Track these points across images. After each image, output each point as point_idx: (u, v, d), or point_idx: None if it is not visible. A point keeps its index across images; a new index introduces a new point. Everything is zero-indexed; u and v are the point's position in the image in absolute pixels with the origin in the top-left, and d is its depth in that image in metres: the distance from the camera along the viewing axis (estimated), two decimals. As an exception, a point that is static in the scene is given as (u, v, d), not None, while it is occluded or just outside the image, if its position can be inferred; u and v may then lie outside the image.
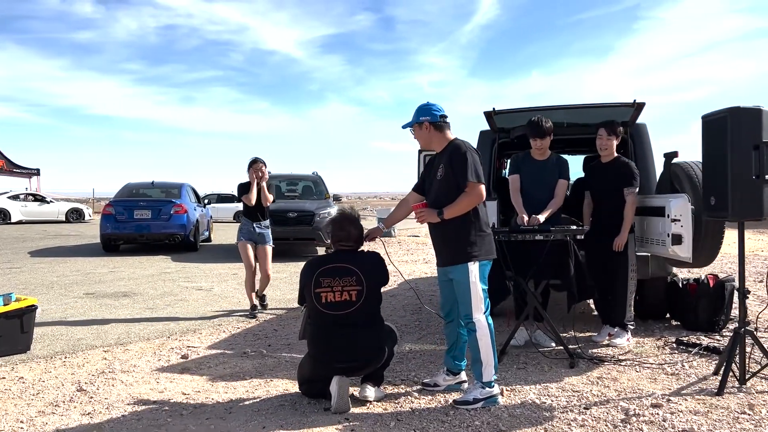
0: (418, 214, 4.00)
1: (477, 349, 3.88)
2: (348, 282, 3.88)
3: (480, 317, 3.89)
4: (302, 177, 15.03)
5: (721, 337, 5.38)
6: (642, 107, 5.33)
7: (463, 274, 3.89)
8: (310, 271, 3.96)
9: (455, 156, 3.89)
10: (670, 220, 4.60)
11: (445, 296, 4.19)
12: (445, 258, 4.01)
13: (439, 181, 3.98)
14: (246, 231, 6.94)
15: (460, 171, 3.83)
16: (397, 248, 15.31)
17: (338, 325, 3.86)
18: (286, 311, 7.29)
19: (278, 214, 12.55)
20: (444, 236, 3.96)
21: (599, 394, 4.01)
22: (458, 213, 3.86)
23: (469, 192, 3.83)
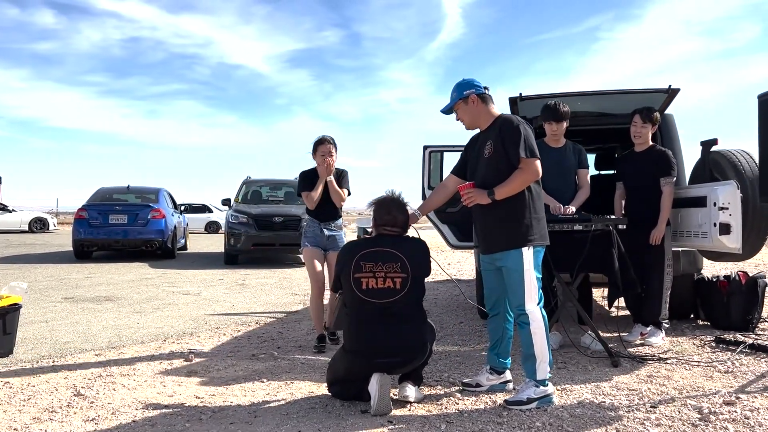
0: (465, 195, 3.61)
1: (530, 344, 3.52)
2: (392, 268, 3.48)
3: (534, 308, 3.53)
4: (285, 182, 14.56)
5: (755, 335, 5.12)
6: (676, 93, 5.08)
7: (516, 260, 3.53)
8: (350, 254, 3.56)
9: (506, 130, 3.54)
10: (718, 208, 4.33)
11: (490, 287, 3.83)
12: (494, 243, 3.64)
13: (488, 158, 3.62)
14: (312, 234, 5.12)
15: (512, 146, 3.48)
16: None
17: (381, 315, 3.45)
18: (285, 314, 6.84)
19: (263, 219, 12.10)
20: (495, 219, 3.59)
21: (659, 392, 3.68)
22: (511, 192, 3.51)
23: (523, 169, 3.48)
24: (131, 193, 14.66)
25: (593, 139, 6.22)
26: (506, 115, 3.65)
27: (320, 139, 5.05)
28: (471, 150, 3.84)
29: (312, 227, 5.14)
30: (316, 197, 5.00)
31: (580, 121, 5.41)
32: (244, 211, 12.40)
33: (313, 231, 5.12)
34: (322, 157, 4.98)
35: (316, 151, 5.05)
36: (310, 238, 5.11)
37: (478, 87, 3.70)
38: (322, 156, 4.98)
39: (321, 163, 4.98)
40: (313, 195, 5.00)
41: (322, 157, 4.98)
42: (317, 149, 5.03)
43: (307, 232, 5.14)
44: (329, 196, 5.05)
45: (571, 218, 4.48)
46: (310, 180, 5.07)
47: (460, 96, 3.72)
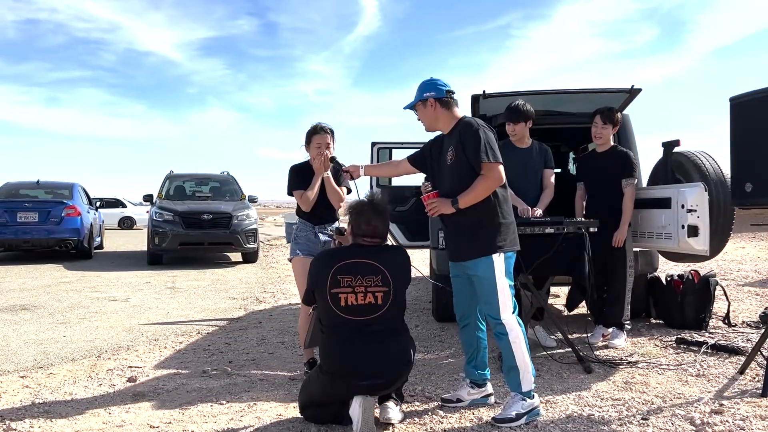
0: (429, 206, 3.44)
1: (511, 355, 3.34)
2: (372, 282, 3.21)
3: (509, 317, 3.36)
4: (212, 176, 13.92)
5: (709, 334, 5.19)
6: (637, 94, 5.06)
7: (486, 268, 3.35)
8: (325, 267, 3.24)
9: (466, 134, 3.36)
10: (686, 210, 4.31)
11: (460, 296, 3.64)
12: (463, 251, 3.44)
13: (450, 166, 3.44)
14: (305, 240, 4.32)
15: (473, 152, 3.30)
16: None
17: (362, 332, 3.16)
18: (227, 322, 6.41)
19: (191, 217, 11.48)
20: (462, 226, 3.41)
21: (643, 401, 3.59)
22: (475, 200, 3.33)
23: (486, 175, 3.31)
24: (41, 189, 13.59)
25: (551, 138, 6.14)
26: (466, 119, 3.47)
27: (315, 128, 4.27)
28: (432, 152, 3.63)
29: (305, 232, 4.36)
30: (312, 197, 4.26)
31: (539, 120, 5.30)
32: (169, 208, 11.71)
33: (306, 236, 4.34)
34: (317, 149, 4.20)
35: (310, 141, 4.28)
36: (303, 245, 4.32)
37: (440, 90, 3.50)
38: (318, 148, 4.21)
39: (317, 156, 4.21)
40: (309, 195, 4.24)
41: (318, 149, 4.20)
42: (312, 140, 4.26)
43: (299, 238, 4.37)
44: (325, 196, 4.29)
45: (542, 221, 4.35)
46: (303, 176, 4.33)
47: (419, 98, 3.54)
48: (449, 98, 3.52)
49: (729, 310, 5.54)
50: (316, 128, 4.29)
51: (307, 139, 4.31)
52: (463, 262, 3.46)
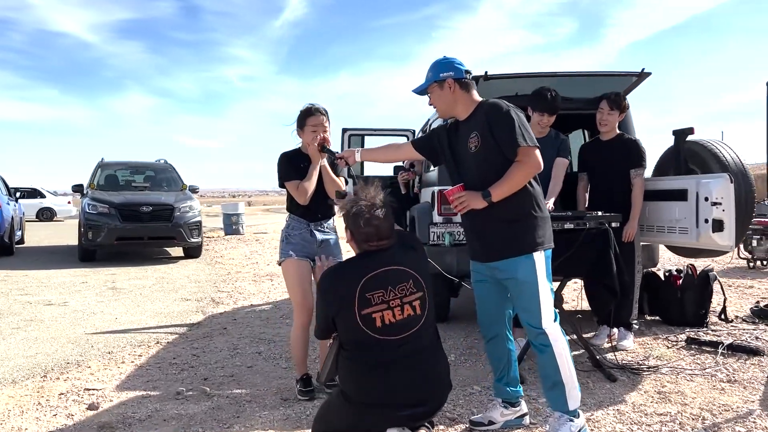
0: (456, 201, 2.95)
1: (556, 369, 2.92)
2: (406, 289, 2.68)
3: (552, 327, 2.94)
4: (148, 165, 12.94)
5: (713, 331, 4.97)
6: (646, 77, 4.74)
7: (526, 269, 2.92)
8: (348, 288, 2.65)
9: (496, 117, 2.92)
10: (710, 203, 4.01)
11: (486, 305, 3.18)
12: (495, 251, 2.99)
13: (474, 154, 2.98)
14: (299, 239, 3.75)
15: (506, 135, 2.87)
16: (258, 247, 13.79)
17: (399, 353, 2.64)
18: (188, 329, 5.73)
19: (128, 209, 10.58)
20: (496, 221, 2.95)
21: (693, 416, 3.25)
22: (511, 191, 2.90)
23: (523, 161, 2.88)
24: (-48, 179, 12.25)
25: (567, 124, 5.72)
26: (491, 101, 3.03)
27: (309, 109, 3.70)
28: (447, 140, 3.16)
29: (299, 230, 3.77)
30: (311, 189, 3.68)
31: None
32: (103, 200, 10.71)
33: (301, 235, 3.76)
34: (313, 133, 3.64)
35: (304, 125, 3.69)
36: (296, 245, 3.73)
37: (458, 69, 3.04)
38: (314, 132, 3.64)
39: (313, 141, 3.65)
40: (306, 186, 3.66)
41: (314, 133, 3.64)
42: (306, 123, 3.68)
43: (291, 236, 3.77)
44: (322, 187, 3.73)
45: (562, 216, 3.94)
46: (297, 165, 3.74)
47: (436, 78, 3.06)
48: (468, 79, 3.07)
49: (725, 305, 5.35)
50: (310, 109, 3.71)
51: (300, 122, 3.73)
52: (495, 263, 3.01)
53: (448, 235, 5.02)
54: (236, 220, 17.65)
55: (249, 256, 11.70)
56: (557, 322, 2.98)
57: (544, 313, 2.93)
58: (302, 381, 3.77)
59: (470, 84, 3.07)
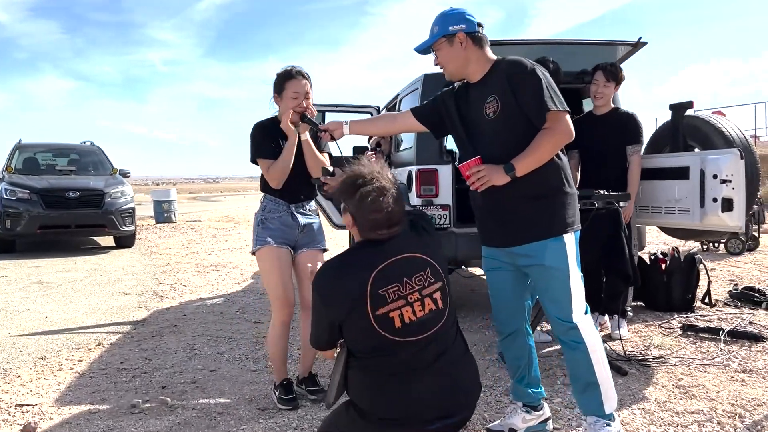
0: (475, 176, 2.50)
1: (589, 369, 2.54)
2: (424, 280, 2.20)
3: (585, 320, 2.56)
4: (72, 147, 11.88)
5: (701, 316, 4.77)
6: (641, 47, 4.42)
7: (556, 254, 2.52)
8: (357, 286, 2.13)
9: (519, 76, 2.49)
10: (719, 181, 3.75)
11: (502, 297, 2.77)
12: (519, 233, 2.57)
13: (492, 121, 2.54)
14: (278, 224, 3.22)
15: (533, 97, 2.45)
16: (195, 236, 12.99)
17: (422, 357, 2.17)
18: (132, 327, 5.07)
19: (53, 195, 9.64)
20: (519, 198, 2.53)
21: (727, 413, 2.95)
22: (539, 162, 2.48)
23: (552, 127, 2.46)
24: None
25: None
26: (512, 58, 2.58)
27: (290, 72, 3.15)
28: (455, 107, 2.72)
29: (277, 213, 3.23)
30: (286, 171, 3.14)
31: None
32: (23, 184, 9.70)
33: (280, 218, 3.22)
34: (294, 99, 3.12)
35: (283, 90, 3.15)
36: (275, 231, 3.19)
37: (470, 22, 2.60)
38: (295, 98, 3.12)
39: (292, 109, 3.12)
40: (281, 168, 3.13)
41: (295, 99, 3.12)
42: (285, 87, 3.14)
43: (269, 221, 3.22)
44: (302, 165, 3.20)
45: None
46: (273, 137, 3.21)
47: (444, 32, 2.59)
48: (481, 33, 2.62)
49: (710, 289, 5.16)
50: (290, 72, 3.16)
51: (278, 87, 3.18)
52: (518, 247, 2.59)
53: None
54: (168, 207, 16.67)
55: (187, 246, 10.93)
56: (588, 315, 2.61)
57: (576, 304, 2.54)
58: (282, 387, 3.26)
59: (484, 39, 2.62)
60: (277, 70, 3.18)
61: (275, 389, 3.28)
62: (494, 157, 2.51)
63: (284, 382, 3.27)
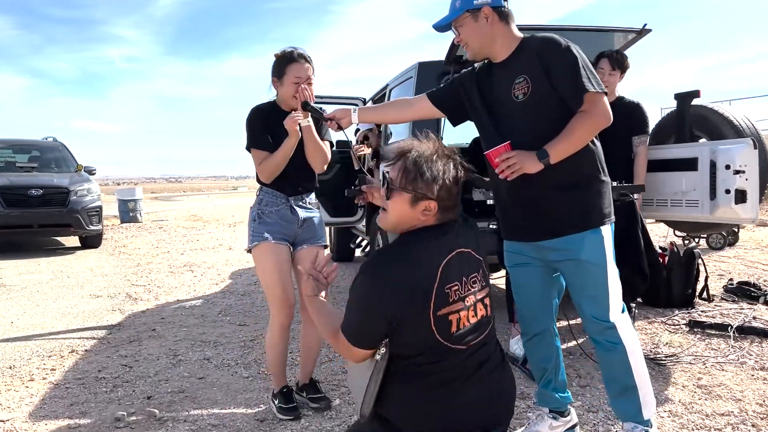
0: (504, 163, 2.25)
1: (627, 371, 2.35)
2: (477, 282, 1.97)
3: (622, 318, 2.38)
4: (33, 143, 11.34)
5: (702, 311, 4.66)
6: (646, 34, 4.26)
7: (593, 247, 2.34)
8: (427, 274, 1.83)
9: (554, 55, 2.27)
10: (732, 172, 3.62)
11: (528, 294, 2.57)
12: (553, 226, 2.37)
13: (522, 103, 2.32)
14: (276, 218, 2.96)
15: (569, 77, 2.24)
16: (164, 235, 12.55)
17: (468, 366, 1.94)
18: (107, 331, 4.73)
19: (14, 193, 9.16)
20: (552, 188, 2.33)
21: (760, 414, 2.81)
22: (575, 148, 2.27)
23: (589, 110, 2.25)
24: None
25: None
26: (543, 35, 2.37)
27: (291, 53, 2.87)
28: (477, 89, 2.51)
29: (275, 206, 2.97)
30: (279, 167, 2.89)
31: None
32: (-19, 183, 9.19)
33: (278, 212, 2.97)
34: (295, 84, 2.83)
35: (284, 74, 2.87)
36: (273, 225, 2.94)
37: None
38: (296, 83, 2.84)
39: (294, 95, 2.84)
40: (276, 162, 2.87)
41: (297, 84, 2.83)
42: (287, 71, 2.86)
43: (266, 214, 2.96)
44: (303, 154, 2.93)
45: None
46: (271, 125, 2.91)
47: (468, 6, 2.36)
48: (507, 8, 2.41)
49: (707, 283, 5.06)
50: (291, 54, 2.88)
51: (279, 71, 2.89)
52: (551, 241, 2.38)
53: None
54: (134, 206, 16.13)
55: (157, 246, 10.51)
56: (626, 313, 2.42)
57: (613, 301, 2.36)
58: (282, 395, 3.00)
59: (510, 14, 2.40)
60: (276, 52, 2.90)
61: (274, 398, 3.03)
62: (524, 143, 2.29)
63: (284, 389, 3.02)
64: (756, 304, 4.85)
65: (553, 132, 2.27)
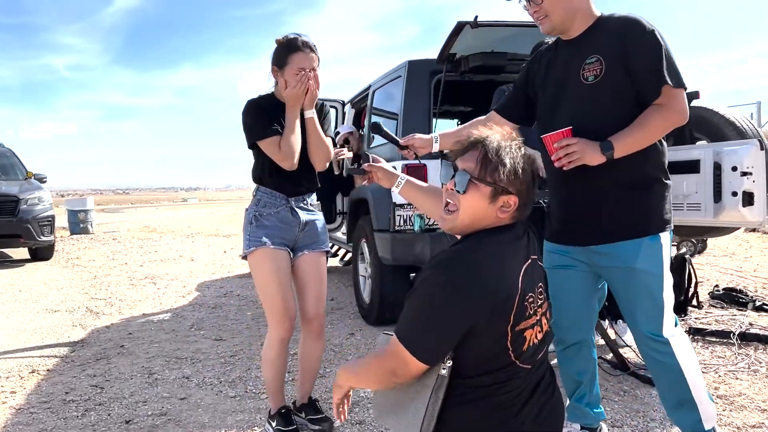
0: (563, 150, 2.06)
1: (683, 387, 2.18)
2: (543, 294, 1.74)
3: (676, 333, 2.20)
4: (-21, 149, 10.69)
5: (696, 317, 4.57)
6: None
7: (652, 256, 2.15)
8: (510, 280, 1.57)
9: (636, 36, 2.07)
10: (740, 173, 3.52)
11: (571, 302, 2.37)
12: (608, 229, 2.18)
13: (591, 86, 2.13)
14: (273, 220, 2.67)
15: (650, 64, 2.05)
16: (119, 246, 11.99)
17: (528, 386, 1.70)
18: (70, 349, 4.33)
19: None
20: (611, 189, 2.15)
21: (789, 425, 2.68)
22: (643, 145, 2.10)
23: (666, 105, 2.07)
24: None
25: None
26: (624, 15, 2.16)
27: (295, 40, 2.58)
28: (543, 70, 2.32)
29: (274, 207, 2.68)
30: (298, 145, 2.59)
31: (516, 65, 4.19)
32: None
33: (278, 214, 2.68)
34: (299, 75, 2.55)
35: (285, 63, 2.56)
36: (271, 229, 2.65)
37: None
38: (300, 74, 2.55)
39: (298, 85, 2.54)
40: (293, 141, 2.56)
41: (300, 74, 2.55)
42: (290, 61, 2.56)
43: (264, 217, 2.67)
44: (303, 150, 2.65)
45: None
46: (272, 116, 2.61)
47: None
48: None
49: (697, 290, 4.99)
50: (295, 43, 2.58)
51: (280, 60, 2.59)
52: (604, 245, 2.19)
53: (418, 219, 4.16)
54: (85, 217, 15.45)
55: (112, 257, 9.99)
56: (679, 326, 2.24)
57: (667, 315, 2.17)
58: (280, 416, 2.72)
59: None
60: (277, 37, 2.63)
61: (271, 419, 2.74)
62: (587, 129, 2.08)
63: (282, 410, 2.74)
64: (746, 310, 4.80)
65: (621, 122, 2.08)
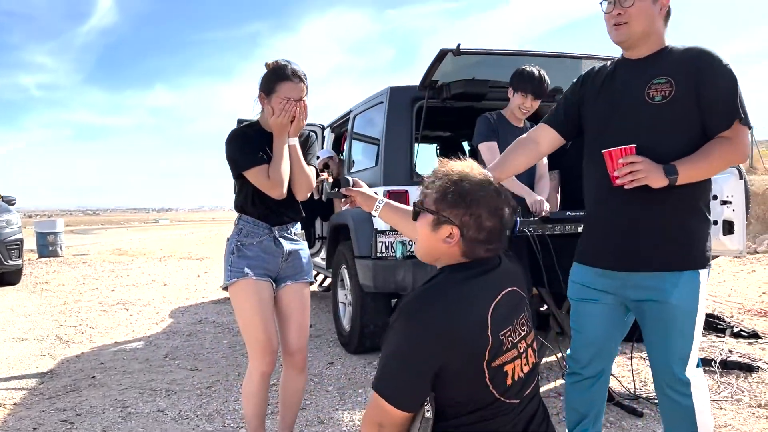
0: (629, 167, 2.00)
1: (692, 425, 2.10)
2: (525, 325, 1.70)
3: (697, 374, 2.14)
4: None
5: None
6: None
7: (689, 291, 2.08)
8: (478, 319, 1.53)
9: (712, 68, 2.02)
10: (720, 202, 3.55)
11: (596, 330, 2.30)
12: (649, 257, 2.11)
13: (659, 106, 2.06)
14: (256, 249, 2.60)
15: (725, 96, 2.01)
16: (89, 270, 11.71)
17: (520, 422, 1.66)
18: (39, 381, 4.17)
19: None
20: (661, 216, 2.09)
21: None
22: (706, 175, 2.08)
23: (732, 140, 2.02)
24: None
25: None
26: (696, 47, 2.09)
27: (284, 68, 2.52)
28: (597, 85, 2.26)
29: (257, 237, 2.61)
30: (287, 173, 2.55)
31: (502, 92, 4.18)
32: None
33: (260, 244, 2.61)
34: (284, 104, 2.49)
35: (272, 91, 2.51)
36: (253, 260, 2.58)
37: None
38: (290, 97, 2.50)
39: (282, 113, 2.48)
40: (282, 170, 2.52)
41: (285, 103, 2.49)
42: (277, 90, 2.50)
43: (246, 247, 2.60)
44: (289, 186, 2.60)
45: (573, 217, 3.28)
46: (256, 144, 2.56)
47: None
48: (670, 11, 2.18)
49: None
50: (284, 71, 2.52)
51: (268, 87, 2.53)
52: (642, 274, 2.12)
53: (400, 245, 4.11)
54: (54, 239, 15.09)
55: (83, 282, 9.75)
56: (700, 368, 2.19)
57: (693, 356, 2.11)
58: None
59: (668, 18, 2.17)
60: (267, 61, 2.58)
61: (253, 459, 2.64)
62: (649, 150, 2.02)
63: (261, 451, 2.64)
64: (724, 337, 4.82)
65: (679, 148, 2.03)
